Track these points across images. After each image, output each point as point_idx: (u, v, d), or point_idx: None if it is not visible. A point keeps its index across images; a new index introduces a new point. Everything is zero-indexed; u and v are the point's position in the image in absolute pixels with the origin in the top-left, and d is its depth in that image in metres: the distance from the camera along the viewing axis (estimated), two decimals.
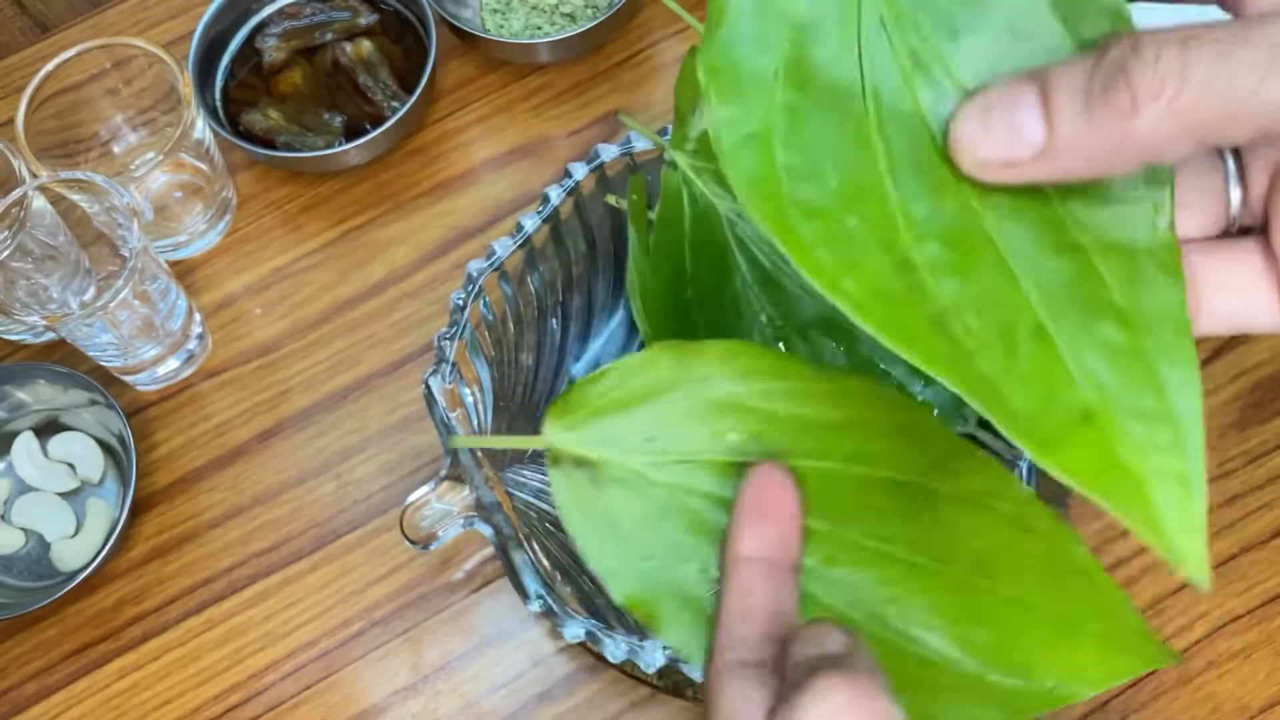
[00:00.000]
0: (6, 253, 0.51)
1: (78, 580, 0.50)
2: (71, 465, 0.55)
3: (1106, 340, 0.24)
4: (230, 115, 0.60)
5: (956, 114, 0.24)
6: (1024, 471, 0.42)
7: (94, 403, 0.54)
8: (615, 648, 0.40)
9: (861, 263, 0.25)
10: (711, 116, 0.25)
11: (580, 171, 0.46)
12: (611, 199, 0.47)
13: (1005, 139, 0.23)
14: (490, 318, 0.46)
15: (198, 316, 0.57)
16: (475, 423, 0.45)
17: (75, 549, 0.53)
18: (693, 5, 0.62)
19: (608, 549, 0.29)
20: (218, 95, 0.61)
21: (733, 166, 0.25)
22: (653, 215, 0.45)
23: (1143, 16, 0.24)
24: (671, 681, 0.48)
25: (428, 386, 0.43)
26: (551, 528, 0.47)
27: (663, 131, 0.47)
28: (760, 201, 0.25)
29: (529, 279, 0.48)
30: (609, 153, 0.46)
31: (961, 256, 0.25)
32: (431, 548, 0.43)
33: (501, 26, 0.62)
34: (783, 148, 0.25)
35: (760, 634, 0.26)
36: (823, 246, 0.25)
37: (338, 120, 0.59)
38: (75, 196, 0.53)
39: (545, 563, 0.43)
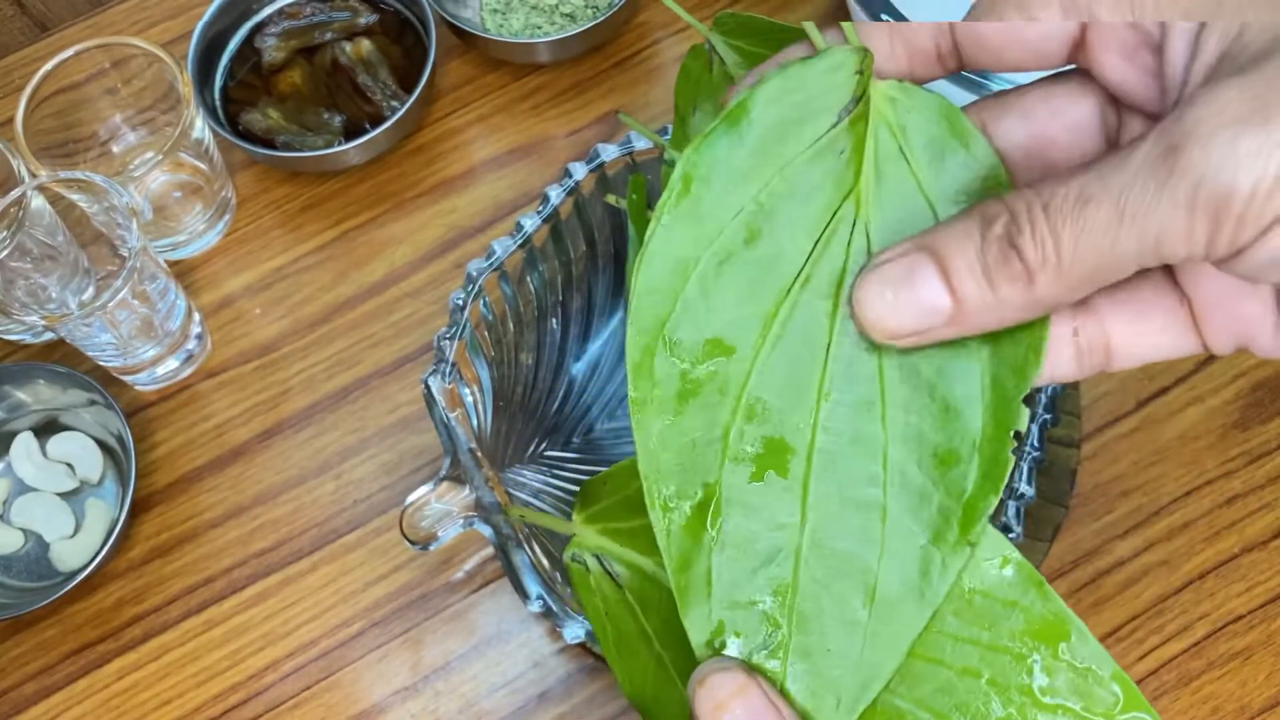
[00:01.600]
0: (5, 252, 0.51)
1: (77, 580, 0.50)
2: (71, 465, 0.55)
3: None
4: (230, 115, 0.60)
5: (858, 293, 0.25)
6: (1025, 472, 0.42)
7: (93, 403, 0.54)
8: None
9: (671, 415, 0.26)
10: (665, 210, 0.26)
11: (580, 171, 0.46)
12: (611, 199, 0.47)
13: (914, 313, 0.24)
14: (490, 318, 0.46)
15: (197, 316, 0.57)
16: (475, 423, 0.45)
17: (74, 549, 0.53)
18: (693, 6, 0.62)
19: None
20: (217, 95, 0.61)
21: (646, 267, 0.26)
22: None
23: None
24: None
25: (427, 386, 0.43)
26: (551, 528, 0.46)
27: (663, 131, 0.47)
28: (646, 310, 0.26)
29: (529, 279, 0.48)
30: (609, 152, 0.46)
31: (762, 468, 0.26)
32: (431, 548, 0.43)
33: (501, 26, 0.62)
34: (697, 281, 0.26)
35: None
36: (658, 385, 0.26)
37: (337, 120, 0.59)
38: (74, 196, 0.52)
39: (545, 563, 0.43)
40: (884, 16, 0.48)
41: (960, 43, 0.26)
